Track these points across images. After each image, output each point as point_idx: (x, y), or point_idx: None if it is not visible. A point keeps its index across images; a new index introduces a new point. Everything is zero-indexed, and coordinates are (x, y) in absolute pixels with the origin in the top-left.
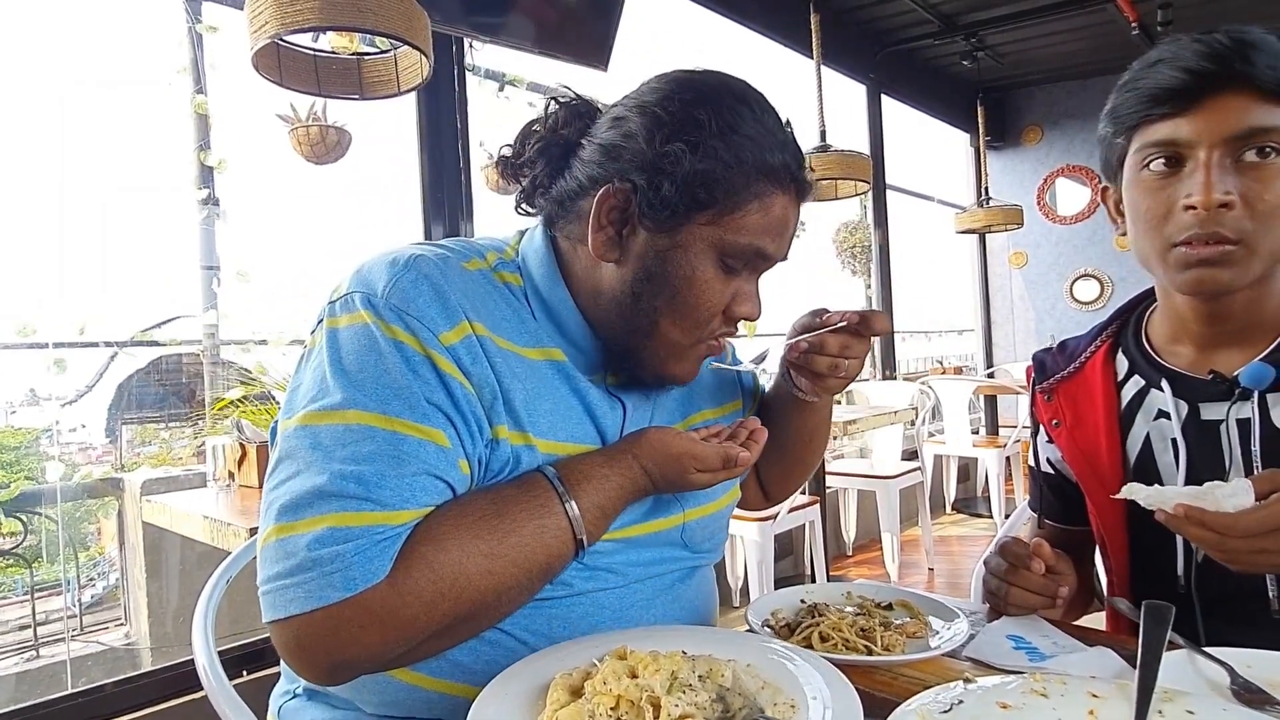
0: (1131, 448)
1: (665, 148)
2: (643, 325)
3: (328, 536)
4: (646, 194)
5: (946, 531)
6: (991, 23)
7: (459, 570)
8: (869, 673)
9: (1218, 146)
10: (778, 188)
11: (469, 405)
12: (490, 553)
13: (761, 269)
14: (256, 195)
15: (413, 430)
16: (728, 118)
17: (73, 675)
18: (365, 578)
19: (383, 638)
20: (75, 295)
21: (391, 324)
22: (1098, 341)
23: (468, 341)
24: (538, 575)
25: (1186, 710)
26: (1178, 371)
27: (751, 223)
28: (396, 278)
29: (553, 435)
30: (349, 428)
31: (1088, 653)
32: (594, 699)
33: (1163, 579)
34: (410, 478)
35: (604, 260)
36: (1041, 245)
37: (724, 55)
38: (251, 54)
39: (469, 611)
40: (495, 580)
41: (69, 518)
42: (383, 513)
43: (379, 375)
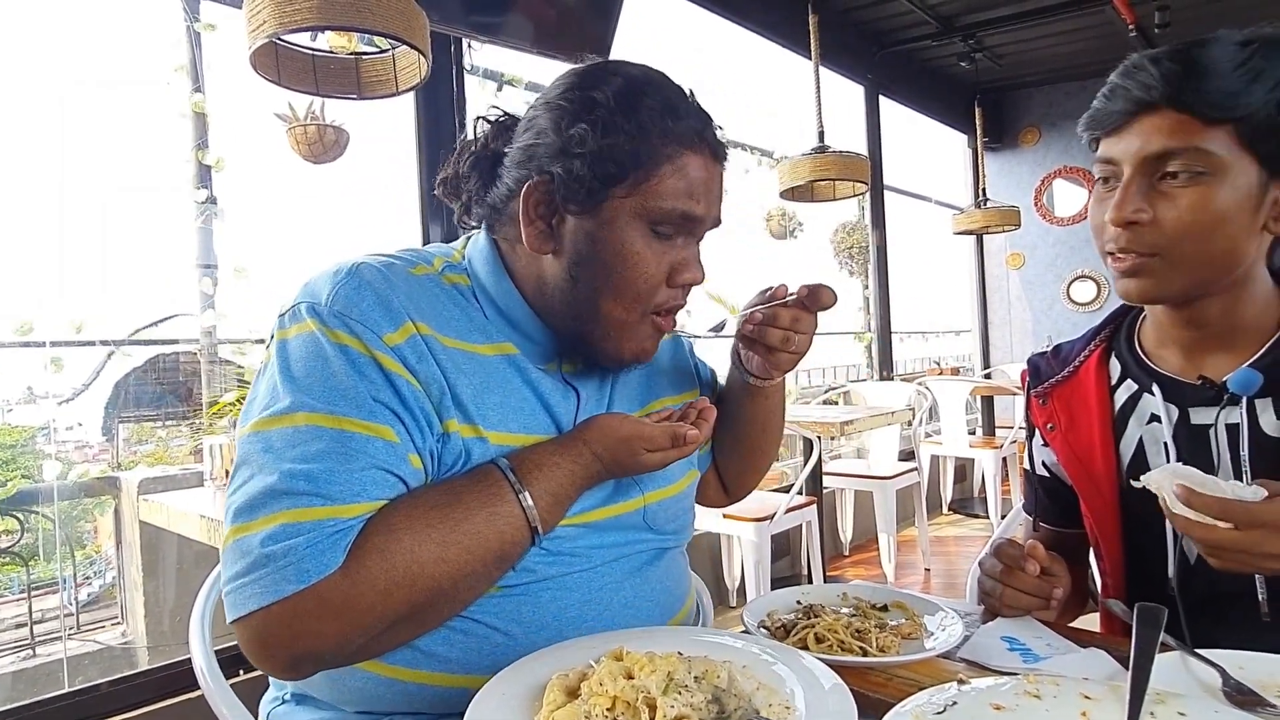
0: (1125, 451)
1: (570, 132)
2: (586, 308)
3: (280, 533)
4: (564, 180)
5: (943, 532)
6: (989, 24)
7: (412, 558)
8: (864, 674)
9: (1137, 166)
10: (687, 149)
11: (417, 402)
12: (444, 540)
13: (695, 233)
14: (254, 194)
15: (360, 428)
16: (626, 94)
17: (69, 674)
18: (319, 569)
19: (339, 628)
20: (73, 294)
21: (336, 329)
22: (1091, 346)
23: (412, 341)
24: (493, 562)
25: (1178, 712)
26: (1168, 376)
27: (668, 186)
28: (339, 285)
29: (504, 427)
30: (298, 429)
31: (1081, 654)
32: (590, 700)
33: (1154, 581)
34: (359, 472)
35: (540, 253)
36: (1039, 246)
37: (722, 56)
38: (249, 53)
39: (425, 599)
40: (449, 567)
41: (65, 516)
42: (333, 507)
43: (325, 378)
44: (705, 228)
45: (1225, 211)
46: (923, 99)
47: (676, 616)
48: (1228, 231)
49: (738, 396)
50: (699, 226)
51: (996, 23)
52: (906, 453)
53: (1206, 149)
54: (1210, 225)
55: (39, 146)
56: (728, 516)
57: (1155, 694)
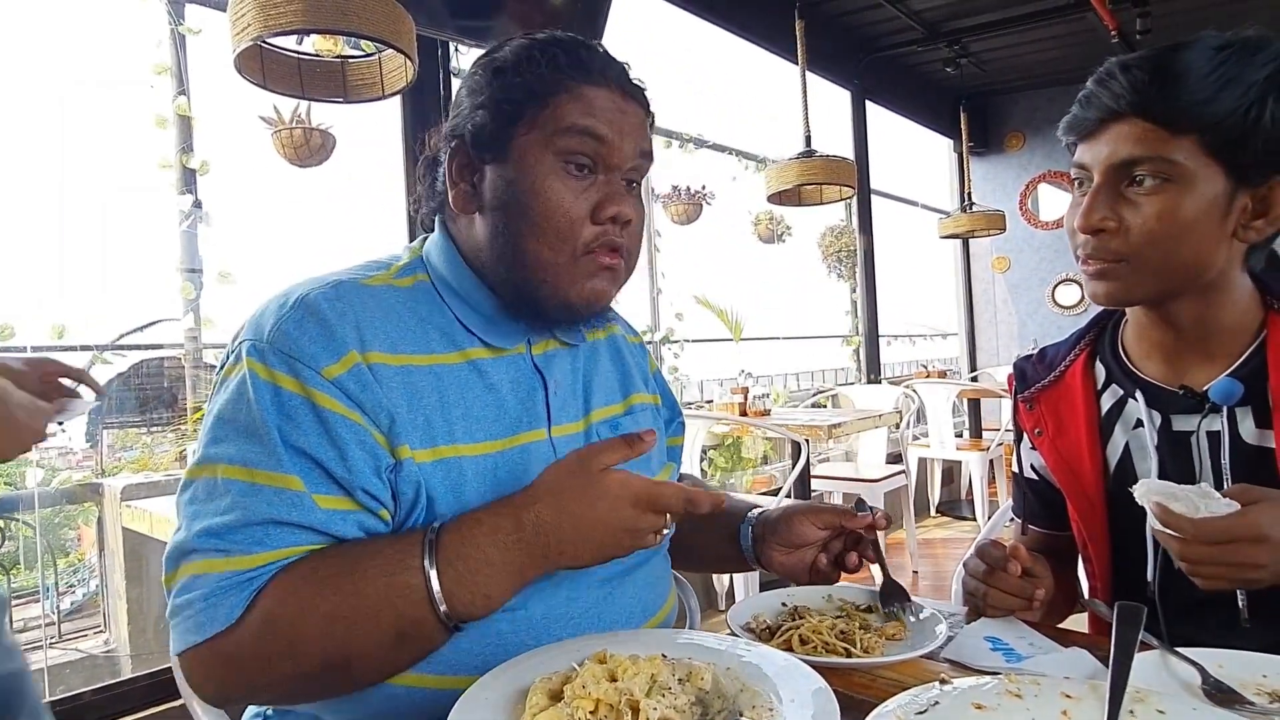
0: (1112, 455)
1: (473, 86)
2: (515, 255)
3: (186, 585)
4: (473, 134)
5: (931, 534)
6: (974, 30)
7: (295, 633)
8: (848, 675)
9: (1105, 172)
10: (586, 82)
11: (352, 433)
12: (332, 614)
13: (612, 163)
14: (239, 198)
15: (266, 479)
16: (524, 47)
17: (50, 683)
18: (213, 624)
19: (237, 680)
20: (55, 298)
21: (274, 369)
22: (1076, 350)
23: (355, 371)
24: (391, 643)
25: (1158, 710)
26: (1151, 382)
27: (567, 113)
28: (281, 320)
29: (472, 438)
30: (215, 481)
31: (1063, 654)
32: (573, 702)
33: (1140, 585)
34: (258, 526)
35: (469, 213)
36: (1024, 250)
37: (709, 60)
38: (234, 56)
39: (314, 671)
40: (334, 643)
41: (48, 523)
42: (232, 559)
43: (246, 425)
44: (625, 158)
45: (1190, 219)
46: (909, 104)
47: (655, 617)
48: (1193, 238)
49: (718, 547)
50: (614, 154)
51: (981, 29)
52: (894, 455)
53: (1172, 158)
54: (1175, 232)
55: (20, 150)
56: None
57: (1135, 692)
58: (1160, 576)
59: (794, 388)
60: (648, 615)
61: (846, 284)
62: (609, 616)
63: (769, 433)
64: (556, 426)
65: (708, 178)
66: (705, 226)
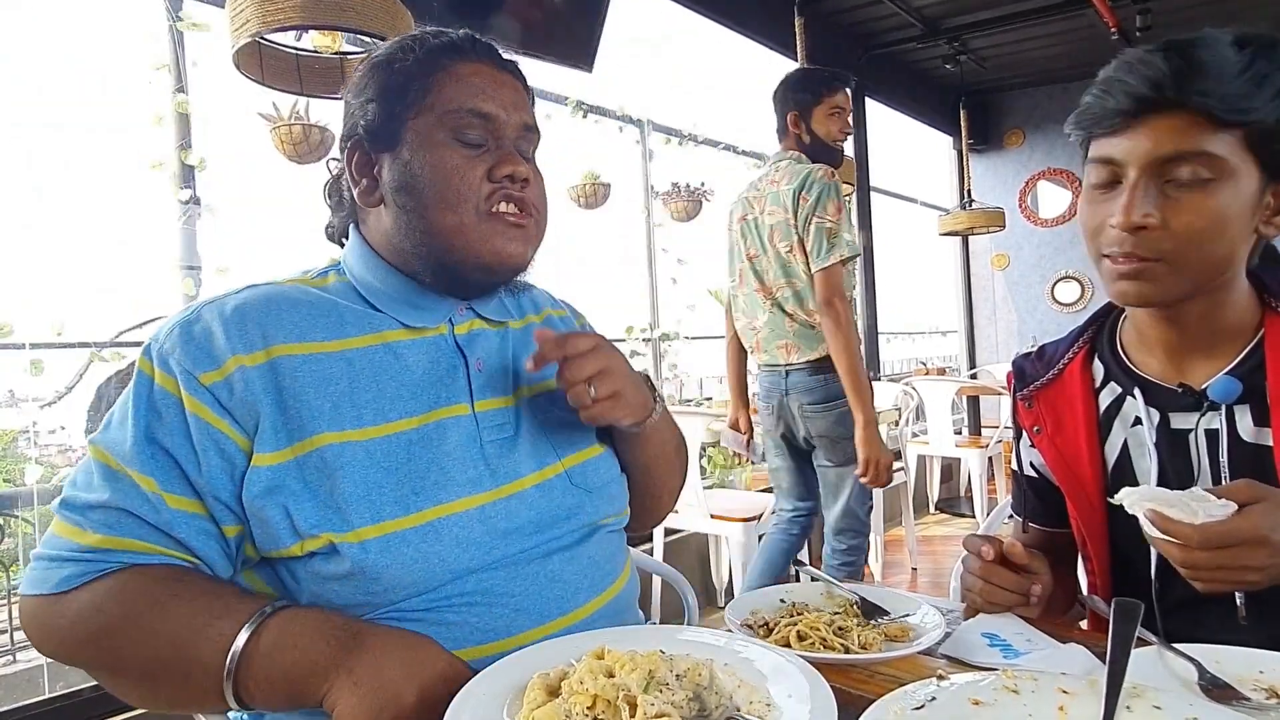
0: (1110, 453)
1: (357, 87)
2: (421, 229)
3: (47, 540)
4: (365, 127)
5: (930, 531)
6: (974, 27)
7: (104, 632)
8: (846, 671)
9: (1145, 168)
10: (459, 58)
11: (214, 443)
12: (147, 628)
13: (501, 133)
14: (238, 195)
15: (126, 473)
16: (398, 43)
17: (50, 679)
18: (37, 584)
19: (47, 643)
20: (53, 295)
21: (157, 368)
22: (1075, 348)
23: (232, 378)
24: (176, 681)
25: (1154, 705)
26: (1149, 380)
27: (449, 92)
28: (174, 328)
29: (383, 418)
30: (91, 464)
31: (1061, 650)
32: (570, 698)
33: (1139, 582)
34: (113, 510)
35: (374, 207)
36: (1023, 247)
37: (707, 57)
38: (233, 52)
39: (110, 669)
40: (135, 661)
41: (47, 520)
42: (84, 532)
43: (123, 419)
44: (510, 128)
45: (1229, 216)
46: (908, 101)
47: (606, 593)
48: (1229, 236)
49: (619, 440)
50: (500, 126)
51: (980, 25)
52: (893, 453)
53: (1215, 153)
54: (1216, 230)
55: (17, 146)
56: (715, 517)
57: (1132, 688)
58: (1159, 574)
59: None
60: (596, 591)
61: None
62: (554, 592)
63: None
64: (480, 401)
65: (707, 174)
66: (705, 223)
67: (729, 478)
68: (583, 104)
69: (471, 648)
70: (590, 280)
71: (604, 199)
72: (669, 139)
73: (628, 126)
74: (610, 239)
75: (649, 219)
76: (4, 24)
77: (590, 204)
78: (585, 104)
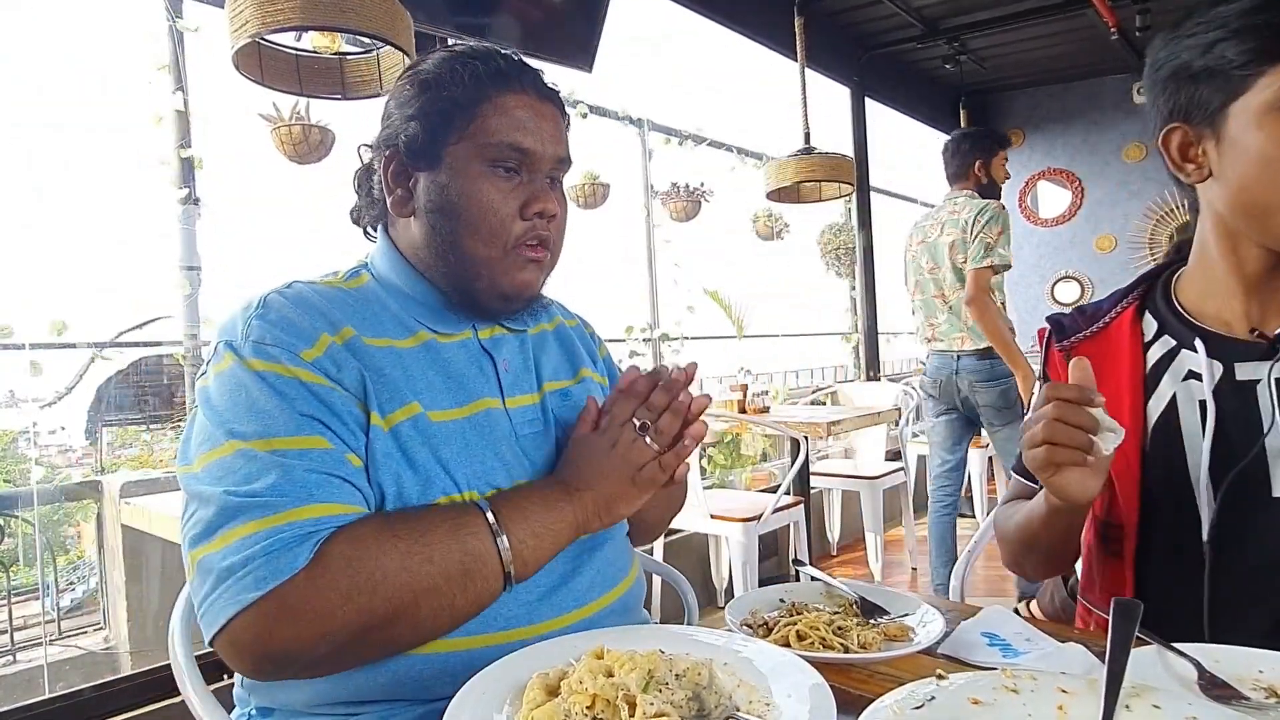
0: (1154, 409)
1: (401, 99)
2: (452, 253)
3: (237, 546)
4: (407, 144)
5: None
6: (973, 27)
7: (375, 564)
8: (845, 670)
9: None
10: (505, 88)
11: (345, 406)
12: (408, 550)
13: (537, 167)
14: (238, 195)
15: (290, 444)
16: (444, 60)
17: (50, 680)
18: (277, 573)
19: (302, 631)
20: (54, 296)
21: (252, 359)
22: (1123, 304)
23: (330, 351)
24: (457, 577)
25: (1153, 705)
26: (1212, 331)
27: (493, 124)
28: (251, 318)
29: (438, 406)
30: (233, 456)
31: (1060, 649)
32: (570, 698)
33: (1173, 551)
34: (301, 475)
35: (404, 217)
36: (1023, 247)
37: (708, 57)
38: (232, 53)
39: (386, 609)
40: (411, 577)
41: (47, 521)
42: (283, 514)
43: (249, 406)
44: (546, 162)
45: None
46: (909, 101)
47: (617, 589)
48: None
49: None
50: (537, 160)
51: (980, 25)
52: (893, 453)
53: None
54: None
55: (18, 147)
56: (715, 517)
57: (1131, 687)
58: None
59: (793, 385)
60: (609, 586)
61: (846, 281)
62: (571, 589)
63: (768, 430)
64: (510, 398)
65: (707, 175)
66: (704, 223)
67: (729, 478)
68: (582, 103)
69: (495, 633)
70: (590, 280)
71: (603, 199)
72: (669, 139)
73: (627, 126)
74: (610, 239)
75: (649, 219)
76: (4, 24)
77: (590, 204)
78: (585, 104)
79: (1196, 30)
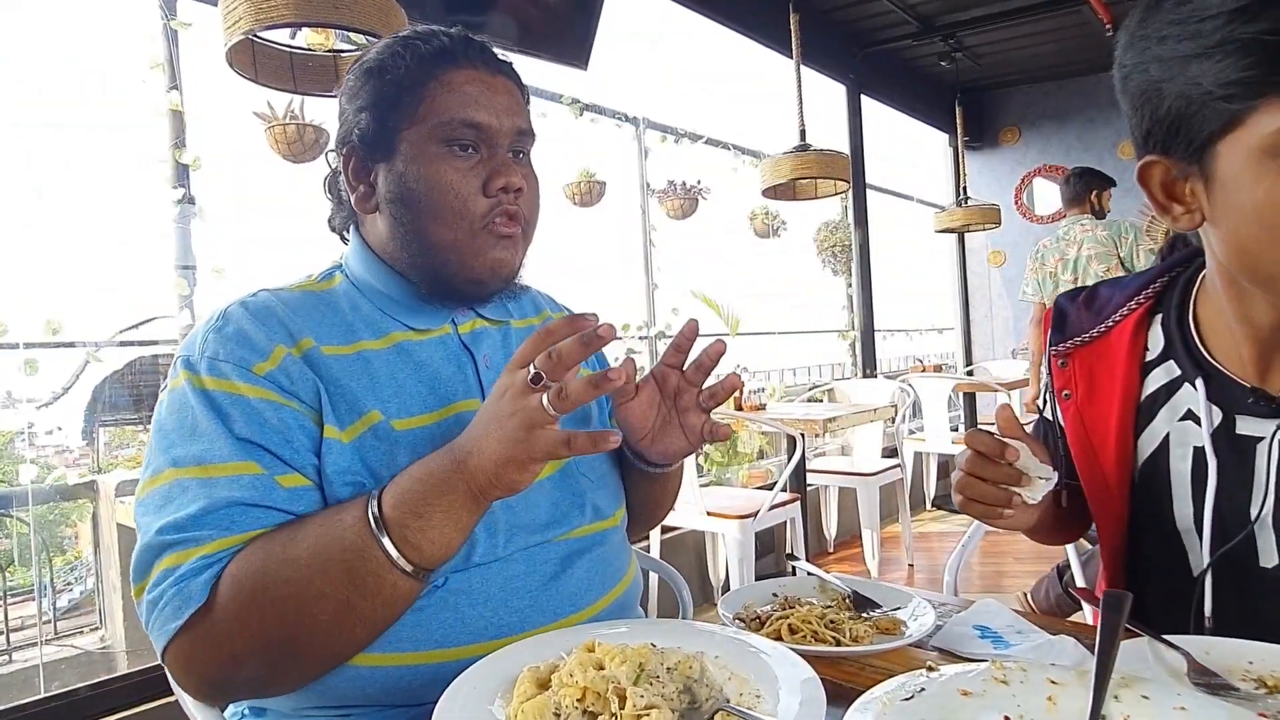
0: (1145, 445)
1: (350, 92)
2: (419, 242)
3: (158, 579)
4: (361, 138)
5: (926, 528)
6: (969, 24)
7: (258, 584)
8: (837, 663)
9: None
10: (452, 65)
11: (294, 420)
12: (285, 557)
13: (495, 141)
14: (233, 194)
15: (223, 470)
16: (386, 48)
17: (46, 679)
18: (188, 605)
19: (219, 656)
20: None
21: (204, 376)
22: (1135, 301)
23: (285, 364)
24: (342, 581)
25: (1142, 695)
26: (1219, 369)
27: (442, 102)
28: (208, 333)
29: (407, 413)
30: (169, 486)
31: (1051, 641)
32: (560, 691)
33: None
34: (223, 510)
35: (370, 213)
36: (1019, 244)
37: (704, 56)
38: (225, 50)
39: (279, 625)
40: (295, 589)
41: (44, 520)
42: (198, 548)
43: (190, 430)
44: (504, 136)
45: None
46: (904, 98)
47: (614, 591)
48: None
49: (634, 483)
50: (494, 134)
51: (975, 23)
52: (890, 450)
53: None
54: None
55: (12, 146)
56: (712, 514)
57: (1120, 678)
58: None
59: (790, 382)
60: (606, 588)
61: (842, 279)
62: (566, 591)
63: (764, 427)
64: None
65: (704, 173)
66: (701, 221)
67: (725, 475)
68: (578, 101)
69: (488, 641)
70: (587, 278)
71: (600, 197)
72: (665, 137)
73: (624, 124)
74: (607, 237)
75: (645, 217)
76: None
77: (586, 202)
78: (581, 102)
79: (1167, 34)
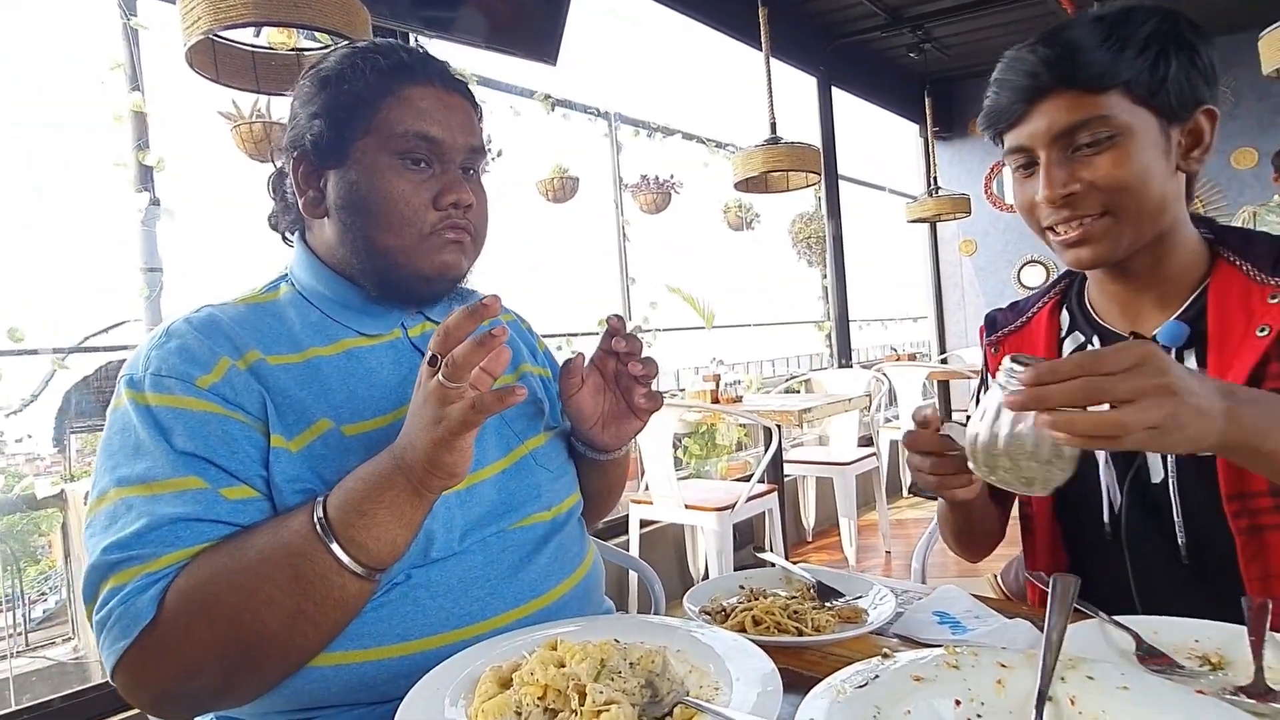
0: None
1: (305, 98)
2: (366, 248)
3: (105, 598)
4: (314, 143)
5: (903, 515)
6: (937, 15)
7: (207, 594)
8: (799, 653)
9: (1051, 147)
10: (409, 80)
11: (240, 431)
12: (231, 566)
13: (447, 158)
14: (199, 195)
15: (166, 487)
16: (346, 57)
17: (16, 692)
18: (136, 622)
19: (164, 672)
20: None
21: (148, 392)
22: (1045, 298)
23: (229, 375)
24: (290, 587)
25: (1087, 676)
26: (1107, 328)
27: (398, 116)
28: (151, 350)
29: (358, 418)
30: (114, 506)
31: (1006, 624)
32: (521, 689)
33: (1089, 530)
34: (166, 527)
35: (318, 218)
36: (990, 233)
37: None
38: (185, 50)
39: (232, 634)
40: (243, 597)
41: (13, 530)
42: (143, 565)
43: (134, 449)
44: (457, 152)
45: (1144, 160)
46: (874, 90)
47: (572, 577)
48: (1154, 179)
49: (585, 473)
50: (447, 150)
51: (943, 14)
52: (865, 438)
53: (1105, 114)
54: (1137, 174)
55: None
56: (690, 507)
57: (1068, 660)
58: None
59: (767, 373)
60: (565, 574)
61: (817, 270)
62: (526, 579)
63: (741, 419)
64: None
65: (676, 167)
66: (675, 215)
67: (704, 468)
68: (550, 97)
69: (451, 631)
70: (561, 274)
71: (573, 192)
72: (638, 131)
73: (596, 119)
74: (581, 232)
75: (619, 212)
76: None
77: (559, 198)
78: (553, 97)
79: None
